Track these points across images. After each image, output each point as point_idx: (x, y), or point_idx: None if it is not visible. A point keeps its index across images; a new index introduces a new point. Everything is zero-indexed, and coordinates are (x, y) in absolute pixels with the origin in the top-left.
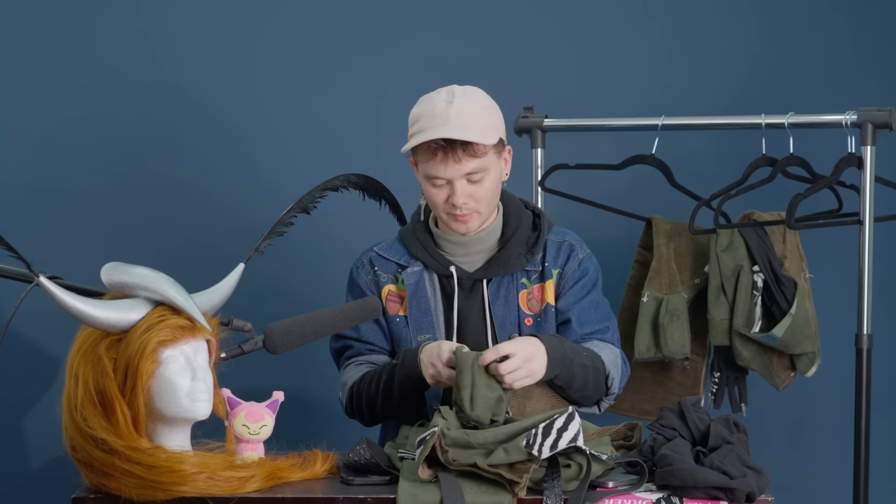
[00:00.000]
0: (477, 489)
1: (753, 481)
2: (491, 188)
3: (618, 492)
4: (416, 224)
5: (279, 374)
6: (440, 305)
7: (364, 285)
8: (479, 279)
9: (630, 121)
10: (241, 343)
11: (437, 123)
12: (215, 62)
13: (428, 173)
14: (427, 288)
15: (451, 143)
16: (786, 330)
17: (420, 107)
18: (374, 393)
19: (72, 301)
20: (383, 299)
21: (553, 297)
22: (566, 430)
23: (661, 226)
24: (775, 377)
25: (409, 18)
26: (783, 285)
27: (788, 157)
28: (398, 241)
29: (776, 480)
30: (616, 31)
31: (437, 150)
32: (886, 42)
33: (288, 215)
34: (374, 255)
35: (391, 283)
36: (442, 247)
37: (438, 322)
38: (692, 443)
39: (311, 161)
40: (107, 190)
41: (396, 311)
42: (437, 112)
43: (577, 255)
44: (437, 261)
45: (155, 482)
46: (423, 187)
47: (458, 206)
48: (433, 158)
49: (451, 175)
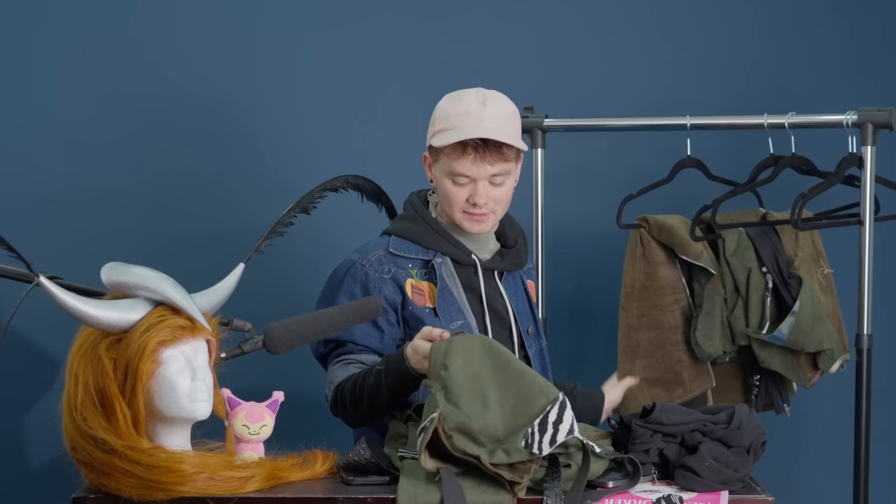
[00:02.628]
0: (477, 489)
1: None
2: (508, 192)
3: (617, 491)
4: (427, 218)
5: (279, 374)
6: (463, 293)
7: (373, 284)
8: (492, 270)
9: (630, 121)
10: (241, 343)
11: (473, 123)
12: (216, 62)
13: (454, 170)
14: (447, 278)
15: (486, 143)
16: (792, 328)
17: (449, 104)
18: (360, 394)
19: (72, 301)
20: (409, 293)
21: (534, 294)
22: (561, 421)
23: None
24: (801, 375)
25: (410, 20)
26: (789, 284)
27: (791, 156)
28: (402, 239)
29: (776, 481)
30: (616, 31)
31: (471, 150)
32: (887, 42)
33: (288, 215)
34: (384, 254)
35: (410, 277)
36: (459, 239)
37: (466, 309)
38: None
39: (311, 162)
40: (107, 190)
41: (424, 304)
42: (472, 111)
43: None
44: (459, 250)
45: (155, 482)
46: (441, 184)
47: (478, 206)
48: (464, 157)
49: (478, 175)
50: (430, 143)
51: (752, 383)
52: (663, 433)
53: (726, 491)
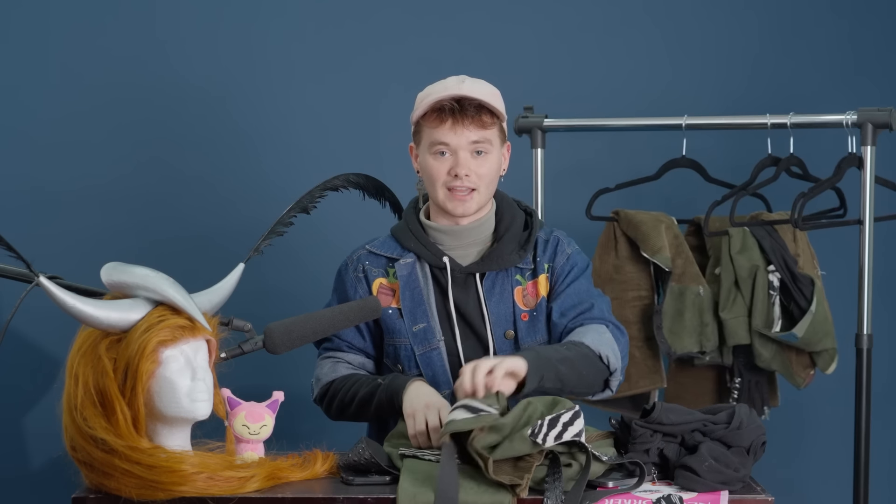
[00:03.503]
0: (477, 489)
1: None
2: (493, 168)
3: (618, 492)
4: (410, 217)
5: (279, 374)
6: (433, 296)
7: (349, 283)
8: (473, 273)
9: (629, 121)
10: (241, 343)
11: (450, 86)
12: (215, 62)
13: (434, 139)
14: (420, 279)
15: (463, 108)
16: (806, 328)
17: (430, 87)
18: (349, 401)
19: (72, 301)
20: (374, 292)
21: (545, 289)
22: (571, 424)
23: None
24: (795, 376)
25: (410, 19)
26: (800, 283)
27: (789, 156)
28: (390, 237)
29: (776, 481)
30: (616, 32)
31: (447, 116)
32: (886, 43)
33: (288, 215)
34: (363, 252)
35: (382, 276)
36: (435, 238)
37: (432, 311)
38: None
39: (311, 161)
40: (106, 190)
41: (388, 304)
42: (449, 85)
43: (564, 249)
44: (430, 251)
45: (155, 482)
46: (424, 164)
47: (460, 178)
48: (442, 125)
49: (458, 143)
50: (411, 117)
51: (731, 387)
52: (663, 433)
53: (726, 491)
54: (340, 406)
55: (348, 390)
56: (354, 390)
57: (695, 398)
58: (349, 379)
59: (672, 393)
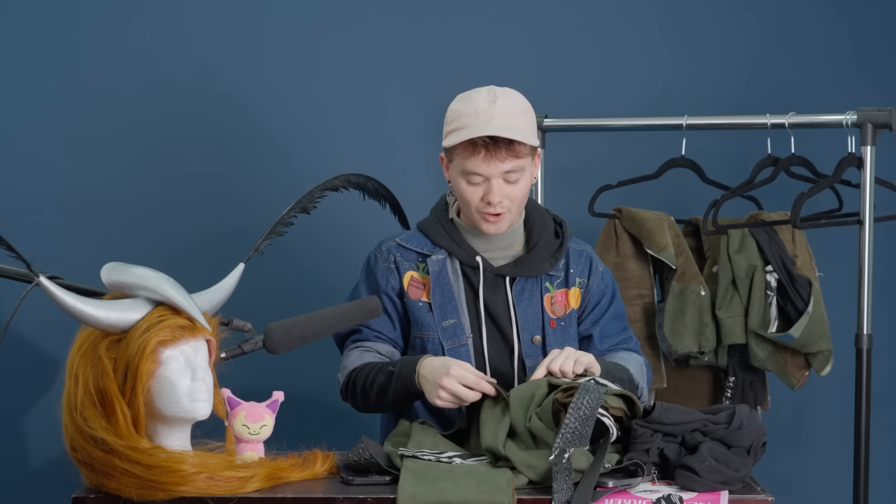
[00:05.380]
0: (477, 489)
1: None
2: (524, 190)
3: (618, 491)
4: (441, 215)
5: (279, 374)
6: (464, 293)
7: (380, 274)
8: (502, 275)
9: (630, 121)
10: (241, 343)
11: (482, 121)
12: (216, 64)
13: (467, 169)
14: (450, 275)
15: (496, 141)
16: (803, 329)
17: (460, 104)
18: (370, 389)
19: (72, 301)
20: (405, 284)
21: (577, 302)
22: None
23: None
24: (790, 377)
25: (410, 20)
26: (798, 284)
27: (790, 156)
28: (418, 232)
29: (776, 481)
30: (616, 32)
31: (481, 147)
32: (886, 42)
33: (288, 215)
34: (393, 244)
35: (413, 269)
36: (466, 239)
37: (462, 309)
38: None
39: (311, 161)
40: (106, 190)
41: (419, 297)
42: (481, 110)
43: (597, 267)
44: (463, 250)
45: (155, 482)
46: (456, 184)
47: (493, 205)
48: (475, 156)
49: (491, 173)
50: (443, 143)
51: (726, 385)
52: (664, 433)
53: (726, 491)
54: (364, 395)
55: (367, 377)
56: (374, 377)
57: (686, 400)
58: (368, 365)
59: (665, 393)
